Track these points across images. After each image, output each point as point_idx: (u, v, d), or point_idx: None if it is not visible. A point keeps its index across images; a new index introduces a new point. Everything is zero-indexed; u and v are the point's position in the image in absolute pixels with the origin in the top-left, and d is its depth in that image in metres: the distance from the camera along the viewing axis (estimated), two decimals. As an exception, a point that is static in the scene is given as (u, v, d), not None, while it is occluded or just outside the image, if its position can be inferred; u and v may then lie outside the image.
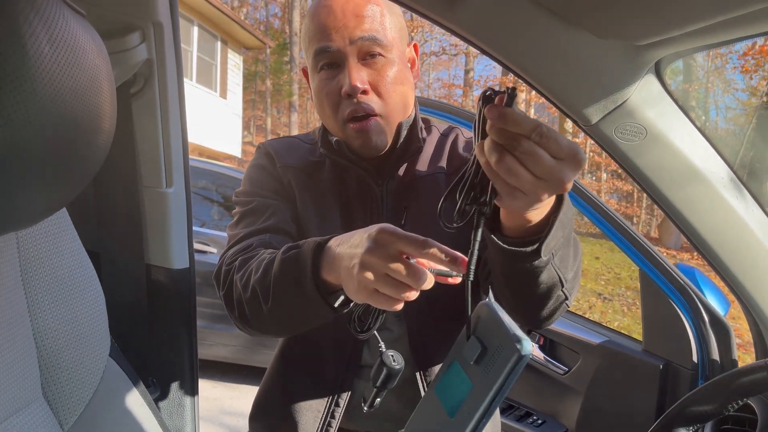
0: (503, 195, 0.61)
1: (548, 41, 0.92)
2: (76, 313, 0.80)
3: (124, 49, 0.87)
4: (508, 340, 0.54)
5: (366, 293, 0.68)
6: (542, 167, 0.57)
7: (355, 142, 1.02)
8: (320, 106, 1.05)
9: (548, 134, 0.56)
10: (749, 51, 13.60)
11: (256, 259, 0.90)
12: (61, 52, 0.50)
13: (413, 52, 1.10)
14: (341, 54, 0.98)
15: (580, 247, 0.87)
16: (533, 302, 0.83)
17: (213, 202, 5.03)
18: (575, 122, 1.07)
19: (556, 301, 0.83)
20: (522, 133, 0.56)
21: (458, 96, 25.40)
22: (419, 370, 1.02)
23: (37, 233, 0.75)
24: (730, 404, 0.94)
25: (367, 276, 0.66)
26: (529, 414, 1.92)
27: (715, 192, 1.14)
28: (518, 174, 0.57)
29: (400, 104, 1.03)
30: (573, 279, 0.84)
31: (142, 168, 0.98)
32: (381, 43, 0.99)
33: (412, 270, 0.64)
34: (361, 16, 0.97)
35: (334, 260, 0.75)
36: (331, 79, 1.00)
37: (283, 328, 0.97)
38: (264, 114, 26.28)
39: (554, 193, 0.62)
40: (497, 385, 0.54)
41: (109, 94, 0.59)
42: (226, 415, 3.94)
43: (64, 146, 0.53)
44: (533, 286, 0.78)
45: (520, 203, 0.62)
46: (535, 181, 0.58)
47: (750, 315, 1.30)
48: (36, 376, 0.75)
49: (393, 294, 0.66)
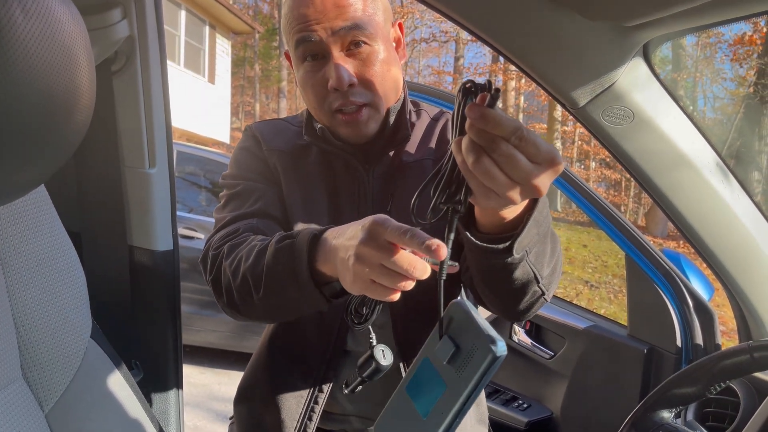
0: (478, 195, 0.61)
1: (536, 22, 0.92)
2: (57, 293, 0.79)
3: (105, 26, 0.85)
4: (482, 341, 0.53)
5: (362, 284, 0.67)
6: (519, 171, 0.56)
7: (344, 131, 1.00)
8: (306, 97, 1.02)
9: (528, 137, 0.55)
10: (738, 40, 13.66)
11: (245, 246, 0.89)
12: (35, 22, 0.48)
13: (398, 32, 1.07)
14: (324, 45, 0.95)
15: (558, 243, 0.87)
16: (509, 297, 0.84)
17: (201, 188, 5.00)
18: (563, 105, 1.07)
19: (532, 296, 0.83)
20: (502, 135, 0.55)
21: (448, 83, 25.33)
22: (402, 361, 1.02)
23: (15, 211, 0.74)
24: (713, 387, 0.95)
25: (363, 267, 0.66)
26: (515, 398, 1.94)
27: (702, 178, 1.14)
28: (495, 177, 0.57)
29: (390, 90, 1.02)
30: (550, 275, 0.84)
31: (125, 148, 0.96)
32: (365, 32, 0.95)
33: (406, 260, 0.64)
34: (341, 5, 0.93)
35: (329, 252, 0.75)
36: (316, 71, 0.98)
37: (273, 315, 0.97)
38: (253, 100, 26.10)
39: (529, 197, 0.62)
40: (471, 386, 0.53)
41: (88, 70, 0.58)
42: (214, 400, 3.95)
43: (39, 121, 0.51)
44: (508, 282, 0.78)
45: (495, 203, 0.61)
46: (510, 184, 0.57)
47: (734, 299, 1.32)
48: (15, 357, 0.74)
49: (388, 284, 0.65)
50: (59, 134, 0.56)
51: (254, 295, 0.85)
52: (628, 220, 1.83)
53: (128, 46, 0.91)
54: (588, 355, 1.73)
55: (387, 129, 1.03)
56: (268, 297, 0.84)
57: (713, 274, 1.32)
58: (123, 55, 0.91)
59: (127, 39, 0.90)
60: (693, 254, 1.35)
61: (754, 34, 12.97)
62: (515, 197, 0.59)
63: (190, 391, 3.91)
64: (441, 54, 28.68)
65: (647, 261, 1.54)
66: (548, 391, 1.88)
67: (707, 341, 1.46)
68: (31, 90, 0.48)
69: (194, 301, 4.06)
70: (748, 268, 1.23)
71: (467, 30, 0.99)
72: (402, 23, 1.10)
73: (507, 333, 2.01)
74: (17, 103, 0.48)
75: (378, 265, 0.65)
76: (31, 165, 0.56)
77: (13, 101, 0.47)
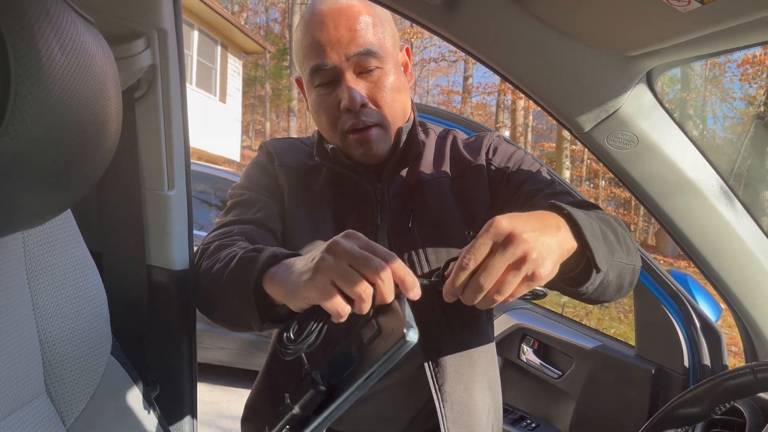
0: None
1: (542, 50, 0.95)
2: (80, 311, 0.81)
3: (129, 55, 0.89)
4: (399, 327, 0.59)
5: (317, 291, 0.66)
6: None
7: (356, 152, 1.03)
8: (318, 120, 1.05)
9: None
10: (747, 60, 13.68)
11: (229, 249, 0.92)
12: (71, 59, 0.52)
13: (405, 56, 1.10)
14: (337, 70, 0.98)
15: (611, 221, 0.90)
16: (613, 294, 0.88)
17: (211, 206, 5.04)
18: (568, 130, 1.10)
19: (628, 274, 0.88)
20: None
21: (457, 102, 25.47)
22: (427, 361, 1.00)
23: (42, 234, 0.77)
24: (718, 407, 0.96)
25: (325, 265, 0.66)
26: (523, 418, 1.94)
27: (706, 201, 1.16)
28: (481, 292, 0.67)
29: (399, 112, 1.04)
30: (627, 252, 0.88)
31: (145, 171, 0.99)
32: (376, 56, 0.99)
33: (373, 263, 0.64)
34: (354, 29, 0.97)
35: (285, 272, 0.75)
36: (328, 94, 1.01)
37: (224, 321, 0.96)
38: (263, 118, 26.30)
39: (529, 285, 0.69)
40: (377, 365, 0.60)
41: (116, 99, 0.61)
42: (222, 418, 3.95)
43: (71, 150, 0.54)
44: (616, 283, 0.85)
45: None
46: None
47: (739, 320, 1.33)
48: (39, 373, 0.77)
49: (350, 285, 0.64)
50: (88, 161, 0.59)
51: (215, 295, 0.90)
52: (638, 239, 1.84)
53: (150, 74, 0.95)
54: (596, 375, 1.74)
55: (399, 148, 1.06)
56: (223, 300, 0.88)
57: (719, 295, 1.34)
58: (145, 83, 0.95)
59: (149, 67, 0.94)
60: (701, 275, 1.37)
61: (763, 54, 12.99)
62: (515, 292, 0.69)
63: (200, 409, 3.88)
64: (450, 73, 28.92)
65: (654, 281, 1.55)
66: (556, 411, 1.88)
67: (714, 362, 1.47)
68: (65, 122, 0.51)
69: (205, 319, 4.07)
70: (752, 289, 1.25)
71: (473, 57, 1.02)
72: (409, 48, 1.13)
73: (515, 353, 2.02)
74: (52, 134, 0.50)
75: (343, 265, 0.65)
76: (62, 190, 0.59)
77: (49, 132, 0.50)
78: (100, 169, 0.63)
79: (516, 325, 2.02)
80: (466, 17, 0.91)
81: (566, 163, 16.82)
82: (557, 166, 15.42)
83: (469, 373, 1.02)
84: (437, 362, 1.00)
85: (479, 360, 1.05)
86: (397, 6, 0.90)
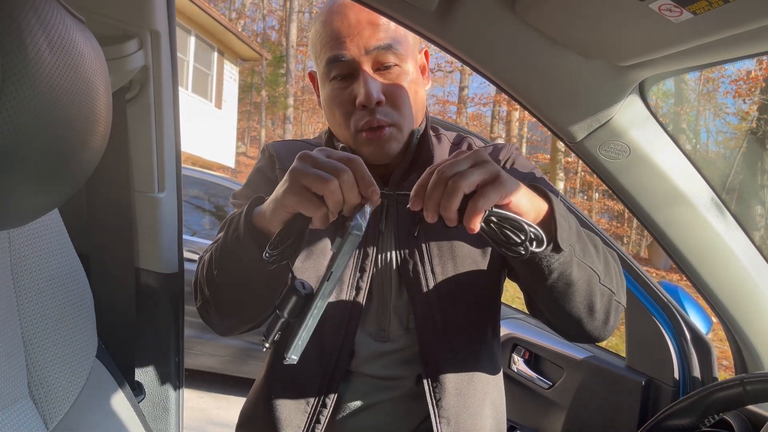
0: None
1: (535, 59, 0.95)
2: (66, 313, 0.81)
3: (122, 56, 0.89)
4: (349, 224, 0.68)
5: (293, 195, 0.71)
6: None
7: (366, 150, 0.99)
8: (331, 115, 1.02)
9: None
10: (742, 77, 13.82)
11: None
12: (59, 56, 0.51)
13: (424, 59, 1.08)
14: (355, 63, 0.95)
15: (600, 242, 0.89)
16: (583, 307, 0.85)
17: (205, 211, 5.03)
18: (561, 139, 1.10)
19: (602, 297, 0.85)
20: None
21: (452, 113, 25.54)
22: (427, 377, 0.99)
23: (29, 233, 0.77)
24: (707, 418, 0.96)
25: (296, 171, 0.71)
26: (513, 428, 1.93)
27: (697, 212, 1.17)
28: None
29: (415, 113, 1.02)
30: (606, 269, 0.86)
31: (135, 173, 0.99)
32: (396, 53, 0.96)
33: (335, 164, 0.70)
34: (376, 24, 0.95)
35: (269, 199, 0.78)
36: (344, 88, 0.98)
37: (231, 297, 0.92)
38: (259, 125, 26.31)
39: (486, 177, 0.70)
40: (334, 263, 0.68)
41: (105, 99, 0.61)
42: (211, 425, 3.92)
43: (58, 148, 0.54)
44: (573, 287, 0.81)
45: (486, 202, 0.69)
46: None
47: (729, 332, 1.33)
48: (23, 375, 0.76)
49: (318, 183, 0.69)
50: (76, 160, 0.59)
51: (215, 277, 0.87)
52: (631, 251, 1.84)
53: (142, 76, 0.94)
54: (586, 385, 1.73)
55: (410, 151, 1.03)
56: (223, 271, 0.86)
57: (709, 307, 1.34)
58: (137, 84, 0.95)
59: (141, 69, 0.93)
60: (692, 287, 1.37)
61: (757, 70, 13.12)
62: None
63: (188, 415, 3.88)
64: (446, 84, 28.95)
65: (645, 293, 1.55)
66: (547, 421, 1.87)
67: (704, 374, 1.47)
68: (52, 119, 0.51)
69: (195, 325, 4.04)
70: (742, 301, 1.25)
71: (467, 64, 1.02)
72: (428, 51, 1.10)
73: (506, 363, 2.01)
74: (39, 131, 0.50)
75: (311, 167, 0.71)
76: (49, 189, 0.59)
77: (35, 130, 0.49)
78: (88, 168, 0.63)
79: (507, 335, 2.01)
80: (461, 25, 0.91)
81: (560, 174, 16.90)
82: (551, 178, 15.48)
83: (470, 392, 1.00)
84: (436, 378, 0.99)
85: (481, 380, 1.03)
86: (392, 12, 0.90)
